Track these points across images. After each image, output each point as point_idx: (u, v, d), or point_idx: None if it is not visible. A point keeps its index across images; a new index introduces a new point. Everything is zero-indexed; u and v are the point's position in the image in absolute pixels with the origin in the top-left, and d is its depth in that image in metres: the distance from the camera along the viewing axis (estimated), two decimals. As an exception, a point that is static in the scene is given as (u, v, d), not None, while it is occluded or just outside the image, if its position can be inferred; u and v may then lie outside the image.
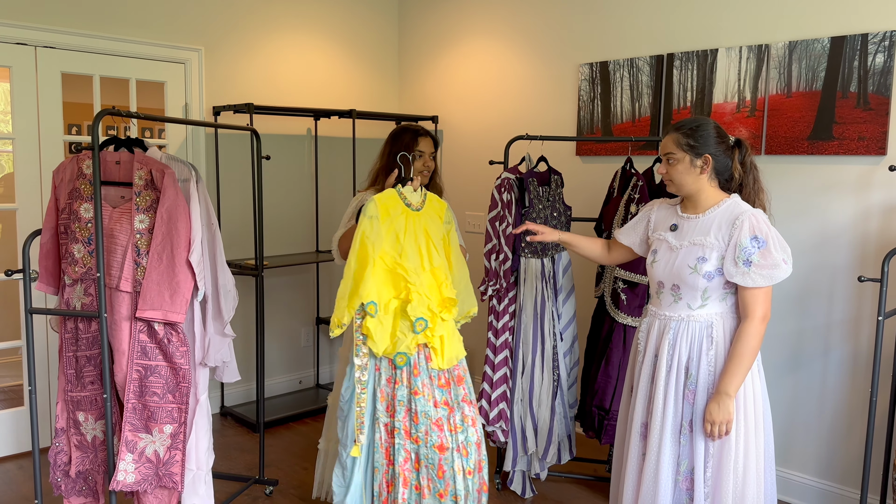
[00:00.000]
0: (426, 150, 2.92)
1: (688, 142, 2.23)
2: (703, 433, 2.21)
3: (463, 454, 2.48)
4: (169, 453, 2.46)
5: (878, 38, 2.96)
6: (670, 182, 2.31)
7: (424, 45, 4.93)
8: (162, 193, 2.41)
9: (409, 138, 2.89)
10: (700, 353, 2.23)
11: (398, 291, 2.47)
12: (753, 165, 2.32)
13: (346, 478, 2.45)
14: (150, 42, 3.97)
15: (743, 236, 2.16)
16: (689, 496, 2.26)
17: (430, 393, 2.44)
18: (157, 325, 2.42)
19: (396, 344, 2.43)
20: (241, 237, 4.38)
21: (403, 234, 2.50)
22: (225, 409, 4.40)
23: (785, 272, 2.16)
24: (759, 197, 2.31)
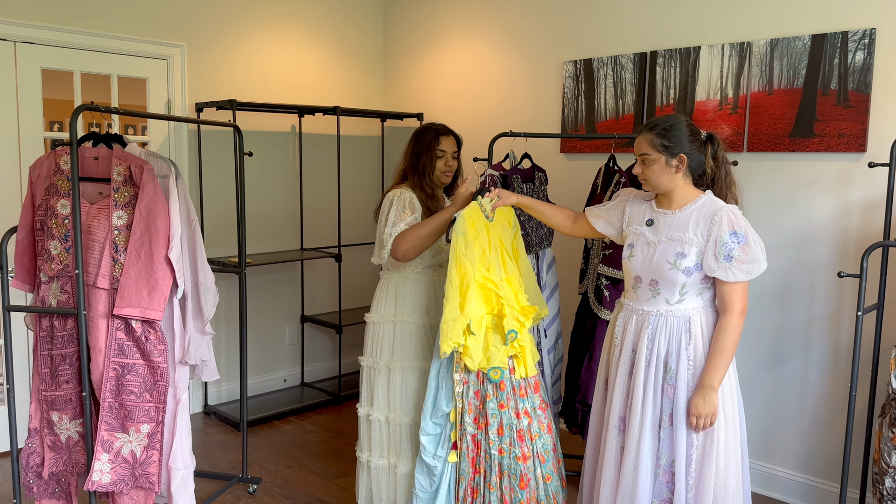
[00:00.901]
0: (448, 149, 2.80)
1: (662, 142, 2.23)
2: (684, 427, 2.22)
3: (541, 461, 2.57)
4: (146, 453, 2.44)
5: (858, 35, 2.97)
6: (646, 181, 2.32)
7: (409, 41, 4.92)
8: (141, 189, 2.39)
9: (431, 137, 2.78)
10: (679, 348, 2.24)
11: (490, 307, 2.53)
12: (725, 159, 2.33)
13: (432, 484, 2.56)
14: (132, 38, 3.93)
15: (723, 232, 2.18)
16: (668, 489, 2.26)
17: (514, 405, 2.53)
18: (135, 322, 2.39)
19: (490, 359, 2.50)
20: (225, 235, 4.36)
21: (489, 249, 2.55)
22: (209, 408, 4.37)
23: (763, 267, 2.18)
24: (732, 190, 2.32)
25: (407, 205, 2.68)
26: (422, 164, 2.75)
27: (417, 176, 2.76)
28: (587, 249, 3.34)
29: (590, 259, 3.32)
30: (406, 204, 2.69)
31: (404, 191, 2.73)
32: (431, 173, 2.75)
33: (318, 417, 4.36)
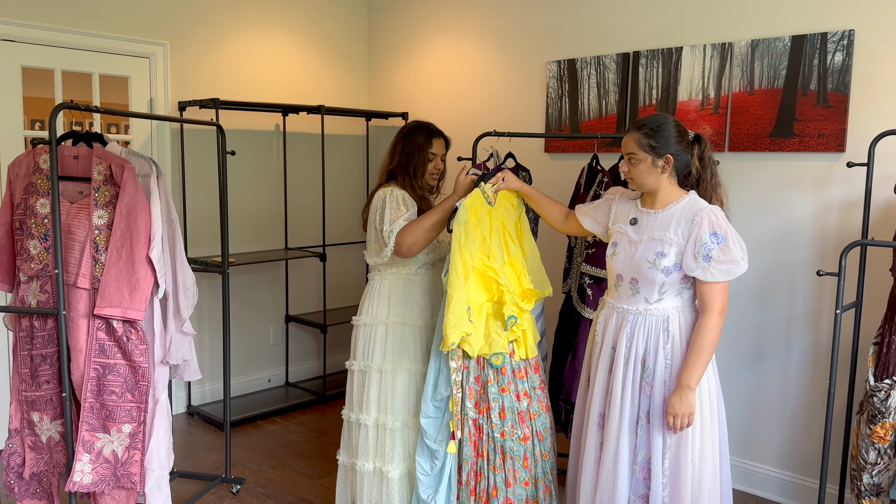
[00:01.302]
0: (439, 152, 2.74)
1: (649, 142, 2.24)
2: (660, 425, 2.24)
3: (539, 439, 2.64)
4: (127, 453, 2.43)
5: (837, 37, 3.01)
6: (632, 180, 2.33)
7: (394, 41, 4.92)
8: (121, 188, 2.38)
9: (423, 139, 2.70)
10: (657, 347, 2.26)
11: (490, 294, 2.55)
12: (711, 160, 2.34)
13: (433, 468, 2.58)
14: (114, 36, 3.90)
15: (703, 232, 2.19)
16: (646, 485, 2.29)
17: (514, 388, 2.57)
18: (116, 322, 2.38)
19: (492, 345, 2.53)
20: (209, 234, 4.34)
21: (490, 236, 2.56)
22: (192, 408, 4.35)
23: (742, 268, 2.19)
24: (717, 192, 2.33)
25: (401, 202, 2.64)
26: (413, 166, 2.68)
27: (408, 177, 2.69)
28: (570, 249, 3.36)
29: (573, 258, 3.33)
30: (400, 201, 2.64)
31: (395, 189, 2.68)
32: (422, 176, 2.70)
33: (302, 417, 4.35)
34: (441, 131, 2.79)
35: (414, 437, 2.69)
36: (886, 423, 2.52)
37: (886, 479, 2.54)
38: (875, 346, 2.61)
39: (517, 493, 2.57)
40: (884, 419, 2.52)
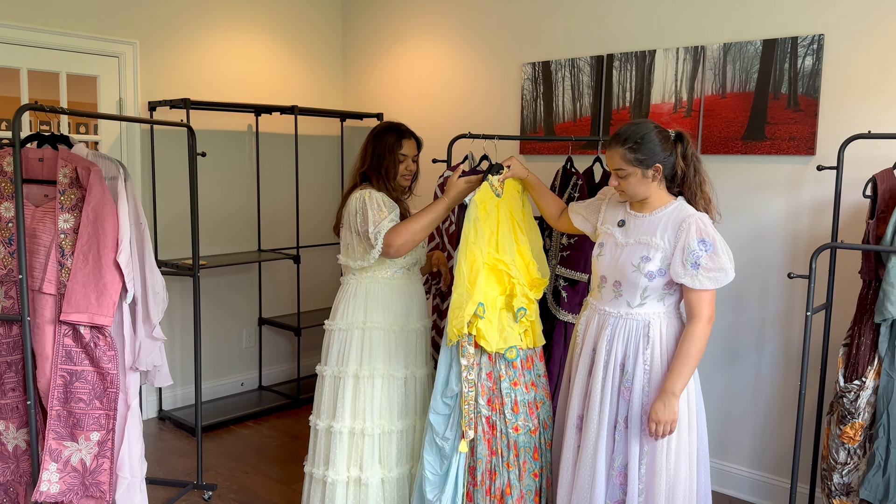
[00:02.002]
0: (409, 153, 2.70)
1: (636, 156, 2.20)
2: (638, 430, 2.24)
3: (544, 427, 2.63)
4: (96, 462, 2.37)
5: (807, 41, 3.04)
6: (623, 193, 2.29)
7: (369, 41, 4.89)
8: (88, 191, 2.32)
9: (393, 140, 2.67)
10: (637, 352, 2.25)
11: (503, 287, 2.53)
12: (695, 157, 2.31)
13: (442, 466, 2.53)
14: (82, 34, 3.83)
15: (690, 239, 2.18)
16: (622, 491, 2.28)
17: (523, 380, 2.55)
18: (83, 328, 2.33)
19: (506, 339, 2.51)
20: (180, 236, 4.27)
21: (497, 228, 2.54)
22: (163, 413, 4.28)
23: (730, 276, 2.19)
24: (703, 188, 2.30)
25: (382, 203, 2.59)
26: (384, 168, 2.65)
27: (381, 179, 2.66)
28: (546, 251, 3.36)
29: (548, 260, 3.33)
30: (380, 202, 2.59)
31: (372, 191, 2.62)
32: (394, 178, 2.68)
33: (276, 421, 4.30)
34: (412, 132, 2.75)
35: (391, 443, 2.67)
36: (856, 423, 2.55)
37: (856, 478, 2.58)
38: (845, 348, 2.65)
39: (527, 485, 2.56)
40: (853, 420, 2.55)
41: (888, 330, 2.51)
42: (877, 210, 2.62)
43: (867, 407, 2.54)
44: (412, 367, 2.74)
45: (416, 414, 2.76)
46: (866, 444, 2.56)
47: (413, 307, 2.75)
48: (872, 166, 2.83)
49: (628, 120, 3.60)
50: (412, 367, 2.74)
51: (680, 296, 2.30)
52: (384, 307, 2.67)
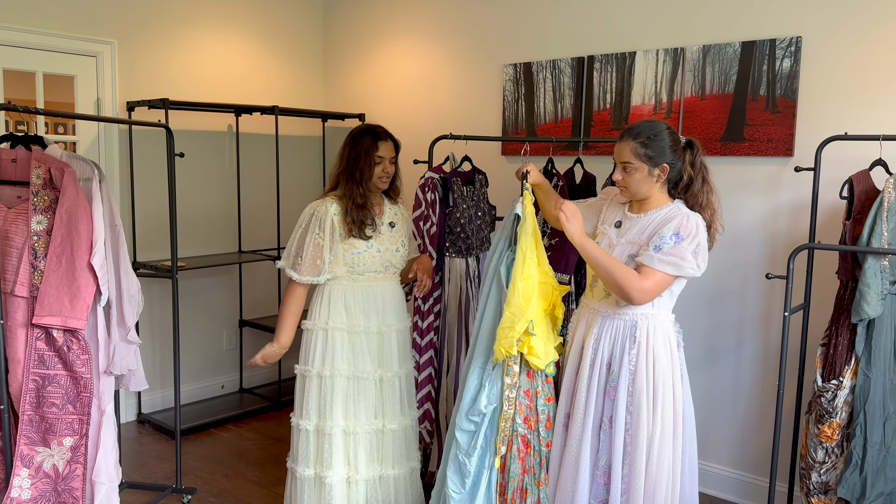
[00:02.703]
0: (386, 154, 2.69)
1: (646, 152, 2.21)
2: (622, 431, 2.24)
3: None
4: (69, 467, 2.34)
5: (785, 43, 3.06)
6: (625, 188, 2.29)
7: (351, 41, 4.87)
8: (61, 193, 2.29)
9: (369, 142, 2.65)
10: (623, 352, 2.26)
11: (547, 301, 2.41)
12: (704, 166, 2.31)
13: (465, 484, 2.42)
14: (59, 34, 3.78)
15: (666, 230, 2.19)
16: (606, 490, 2.28)
17: (553, 394, 2.46)
18: (56, 331, 2.29)
19: (548, 353, 2.40)
20: (159, 238, 4.23)
21: (538, 241, 2.43)
22: (142, 416, 4.24)
23: (690, 267, 2.18)
24: (709, 198, 2.31)
25: (318, 227, 2.60)
26: (358, 171, 2.64)
27: (352, 183, 2.64)
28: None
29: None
30: (316, 226, 2.60)
31: (328, 204, 2.63)
32: (369, 180, 2.66)
33: (256, 424, 4.27)
34: (390, 134, 2.74)
35: (357, 444, 2.64)
36: (833, 422, 2.57)
37: (834, 477, 2.60)
38: (822, 348, 2.67)
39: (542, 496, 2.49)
40: (831, 419, 2.57)
41: (864, 330, 2.53)
42: (853, 211, 2.64)
43: (844, 406, 2.56)
44: (386, 369, 2.71)
45: (393, 416, 2.73)
46: (844, 442, 2.58)
47: (379, 310, 2.71)
48: (849, 167, 2.86)
49: (609, 121, 3.61)
50: (386, 368, 2.72)
51: (670, 297, 2.30)
52: (345, 309, 2.68)
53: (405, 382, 2.81)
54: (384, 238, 2.71)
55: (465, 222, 3.26)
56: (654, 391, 2.23)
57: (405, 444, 2.79)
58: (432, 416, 3.27)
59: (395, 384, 2.75)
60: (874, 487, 2.47)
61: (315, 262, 2.61)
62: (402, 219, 2.84)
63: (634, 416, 2.23)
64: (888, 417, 2.49)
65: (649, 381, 2.23)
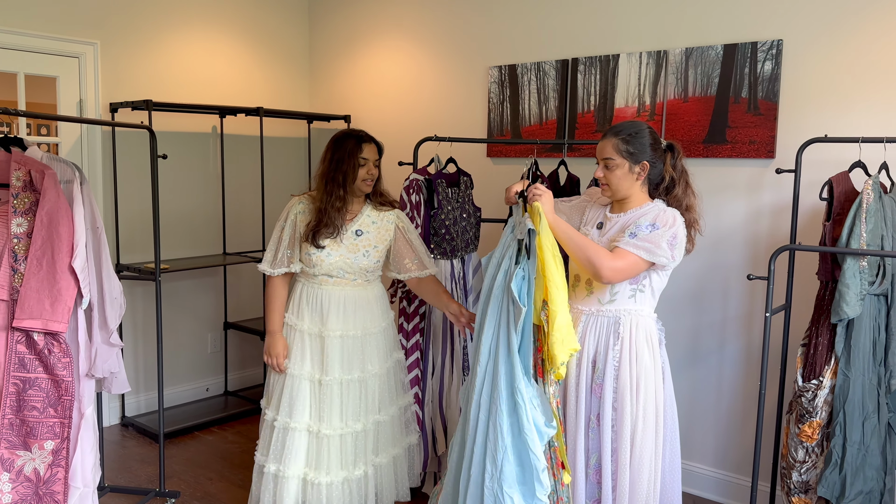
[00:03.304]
0: (370, 157, 2.70)
1: (627, 148, 2.26)
2: (609, 427, 2.26)
3: None
4: (50, 471, 2.32)
5: (767, 46, 3.09)
6: (606, 186, 2.32)
7: (336, 43, 4.86)
8: (42, 195, 2.27)
9: (353, 145, 2.67)
10: (607, 348, 2.28)
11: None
12: (684, 170, 2.36)
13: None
14: (41, 34, 3.75)
15: (643, 221, 2.23)
16: (598, 488, 2.31)
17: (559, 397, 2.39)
18: (37, 335, 2.27)
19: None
20: (142, 240, 4.21)
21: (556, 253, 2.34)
22: (126, 420, 4.21)
23: (664, 255, 2.19)
24: (692, 200, 2.35)
25: (284, 221, 2.72)
26: (342, 173, 2.65)
27: (334, 185, 2.66)
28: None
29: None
30: (283, 220, 2.72)
31: (297, 202, 2.74)
32: (353, 182, 2.67)
33: (241, 427, 4.25)
34: (373, 137, 2.76)
35: (319, 445, 2.66)
36: (814, 422, 2.59)
37: (814, 476, 2.62)
38: (803, 348, 2.69)
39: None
40: (811, 418, 2.60)
41: (844, 330, 2.55)
42: (833, 212, 2.67)
43: (824, 406, 2.59)
44: (350, 371, 2.71)
45: (354, 419, 2.72)
46: (824, 442, 2.61)
47: (328, 312, 2.70)
48: (829, 169, 2.89)
49: (593, 123, 3.63)
50: (352, 371, 2.71)
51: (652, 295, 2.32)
52: (301, 308, 2.75)
53: (387, 378, 2.83)
54: (343, 245, 2.69)
55: (450, 224, 3.26)
56: (636, 387, 2.26)
57: (390, 434, 2.82)
58: (419, 418, 3.27)
59: (364, 389, 2.75)
60: (853, 486, 2.50)
61: (276, 255, 2.73)
62: (379, 227, 2.77)
63: (619, 412, 2.26)
64: (867, 417, 2.51)
65: (632, 376, 2.26)
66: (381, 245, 2.77)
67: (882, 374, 2.53)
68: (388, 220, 2.81)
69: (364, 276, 2.76)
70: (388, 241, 2.80)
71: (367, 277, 2.77)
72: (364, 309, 2.76)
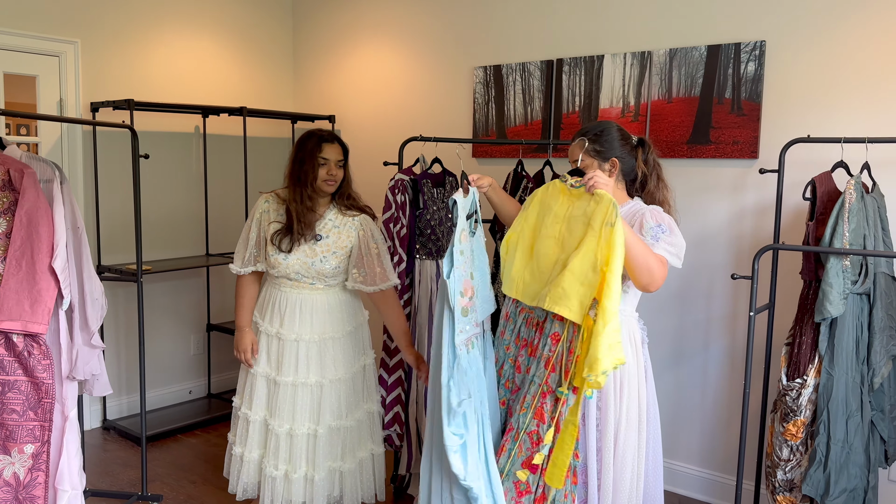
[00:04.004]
0: (331, 157, 2.64)
1: (594, 147, 2.27)
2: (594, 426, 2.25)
3: None
4: (30, 475, 2.28)
5: (750, 47, 3.11)
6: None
7: (321, 43, 4.84)
8: (21, 195, 2.24)
9: (314, 144, 2.64)
10: None
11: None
12: (657, 164, 2.37)
13: None
14: (20, 33, 3.70)
15: (647, 221, 2.22)
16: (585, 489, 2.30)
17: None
18: (16, 336, 2.24)
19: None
20: (124, 241, 4.16)
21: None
22: (108, 423, 4.16)
23: (681, 255, 2.22)
24: (664, 194, 2.36)
25: (251, 219, 2.75)
26: (303, 173, 2.63)
27: (297, 185, 2.65)
28: (497, 253, 3.36)
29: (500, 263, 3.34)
30: (251, 218, 2.75)
31: (264, 200, 2.74)
32: (314, 182, 2.64)
33: (224, 430, 4.20)
34: (336, 137, 2.72)
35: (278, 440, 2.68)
36: (798, 420, 2.61)
37: (798, 474, 2.64)
38: (787, 347, 2.71)
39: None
40: (795, 417, 2.61)
41: (827, 329, 2.57)
42: (816, 212, 2.69)
43: (808, 404, 2.60)
44: (307, 376, 2.68)
45: (309, 421, 2.70)
46: (808, 440, 2.62)
47: (286, 314, 2.69)
48: (812, 169, 2.91)
49: (578, 124, 3.64)
50: (308, 375, 2.68)
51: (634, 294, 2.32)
52: (261, 308, 2.77)
53: (352, 383, 2.78)
54: (301, 249, 2.65)
55: (435, 224, 3.25)
56: (620, 387, 2.25)
57: (357, 438, 2.80)
58: (402, 419, 3.26)
59: (335, 388, 2.73)
60: (837, 484, 2.51)
61: (244, 254, 2.75)
62: (340, 232, 2.70)
63: (603, 411, 2.25)
64: (851, 415, 2.53)
65: (616, 376, 2.25)
66: (340, 251, 2.68)
67: (865, 373, 2.55)
68: (350, 226, 2.71)
69: (323, 281, 2.69)
70: (349, 247, 2.70)
71: (327, 282, 2.70)
72: (323, 313, 2.69)
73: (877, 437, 2.59)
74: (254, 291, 2.81)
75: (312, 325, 2.68)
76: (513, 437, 2.21)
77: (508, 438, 2.23)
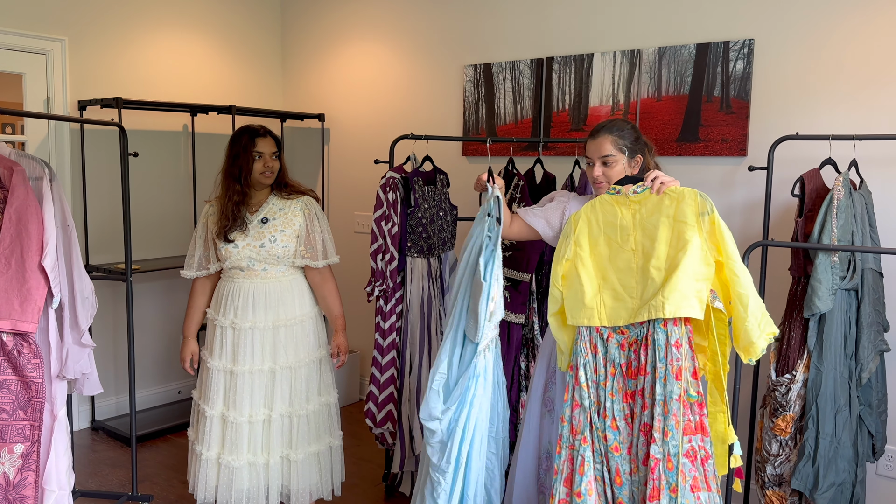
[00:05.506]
0: (265, 150, 2.77)
1: (626, 143, 2.30)
2: None
3: None
4: (20, 475, 2.26)
5: (738, 45, 3.14)
6: (606, 183, 2.31)
7: (310, 41, 4.83)
8: (10, 192, 2.22)
9: (247, 139, 2.76)
10: None
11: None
12: (658, 166, 2.43)
13: None
14: (6, 30, 3.66)
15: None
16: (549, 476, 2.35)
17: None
18: (6, 335, 2.21)
19: None
20: (113, 240, 4.13)
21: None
22: (96, 423, 4.13)
23: None
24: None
25: (198, 225, 2.86)
26: (238, 168, 2.74)
27: (232, 181, 2.76)
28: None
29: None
30: (199, 225, 2.86)
31: (213, 205, 2.82)
32: (248, 175, 2.75)
33: (215, 429, 4.19)
34: (269, 131, 2.82)
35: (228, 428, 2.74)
36: (787, 416, 2.63)
37: (788, 469, 2.66)
38: (776, 343, 2.73)
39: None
40: (785, 412, 2.63)
41: (816, 325, 2.60)
42: (804, 209, 2.71)
43: (797, 400, 2.63)
44: (262, 362, 2.76)
45: (265, 407, 2.77)
46: (797, 435, 2.64)
47: (241, 305, 2.76)
48: (801, 166, 2.93)
49: (568, 122, 3.65)
50: (263, 361, 2.76)
51: None
52: (223, 302, 2.81)
53: (306, 372, 2.85)
54: (250, 235, 2.75)
55: (426, 222, 3.25)
56: None
57: (307, 430, 2.84)
58: (395, 417, 3.25)
59: (286, 375, 2.80)
60: (826, 478, 2.54)
61: (191, 258, 2.86)
62: (286, 213, 2.82)
63: None
64: (839, 410, 2.56)
65: None
66: (288, 229, 2.79)
67: (853, 368, 2.58)
68: (295, 207, 2.84)
69: (275, 266, 2.80)
70: (297, 226, 2.82)
71: (278, 268, 2.81)
72: (275, 300, 2.79)
73: (864, 431, 2.62)
74: (203, 301, 2.91)
75: (266, 313, 2.77)
76: (664, 469, 2.04)
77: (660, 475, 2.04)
